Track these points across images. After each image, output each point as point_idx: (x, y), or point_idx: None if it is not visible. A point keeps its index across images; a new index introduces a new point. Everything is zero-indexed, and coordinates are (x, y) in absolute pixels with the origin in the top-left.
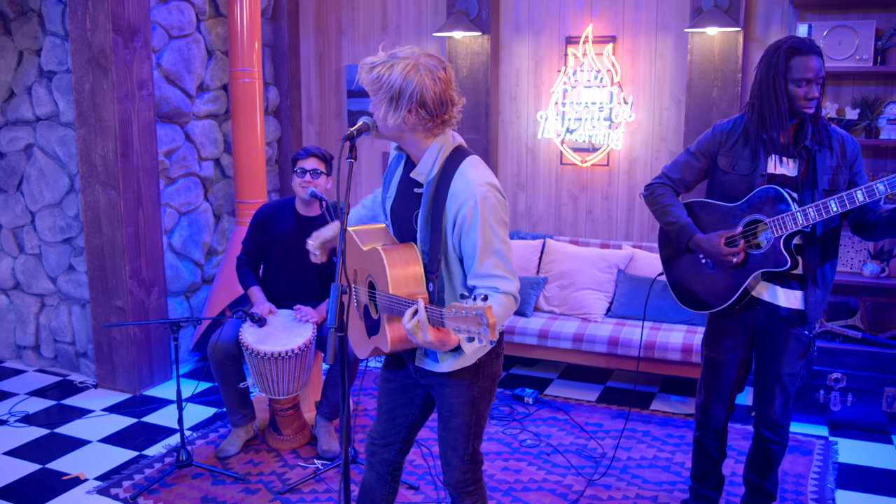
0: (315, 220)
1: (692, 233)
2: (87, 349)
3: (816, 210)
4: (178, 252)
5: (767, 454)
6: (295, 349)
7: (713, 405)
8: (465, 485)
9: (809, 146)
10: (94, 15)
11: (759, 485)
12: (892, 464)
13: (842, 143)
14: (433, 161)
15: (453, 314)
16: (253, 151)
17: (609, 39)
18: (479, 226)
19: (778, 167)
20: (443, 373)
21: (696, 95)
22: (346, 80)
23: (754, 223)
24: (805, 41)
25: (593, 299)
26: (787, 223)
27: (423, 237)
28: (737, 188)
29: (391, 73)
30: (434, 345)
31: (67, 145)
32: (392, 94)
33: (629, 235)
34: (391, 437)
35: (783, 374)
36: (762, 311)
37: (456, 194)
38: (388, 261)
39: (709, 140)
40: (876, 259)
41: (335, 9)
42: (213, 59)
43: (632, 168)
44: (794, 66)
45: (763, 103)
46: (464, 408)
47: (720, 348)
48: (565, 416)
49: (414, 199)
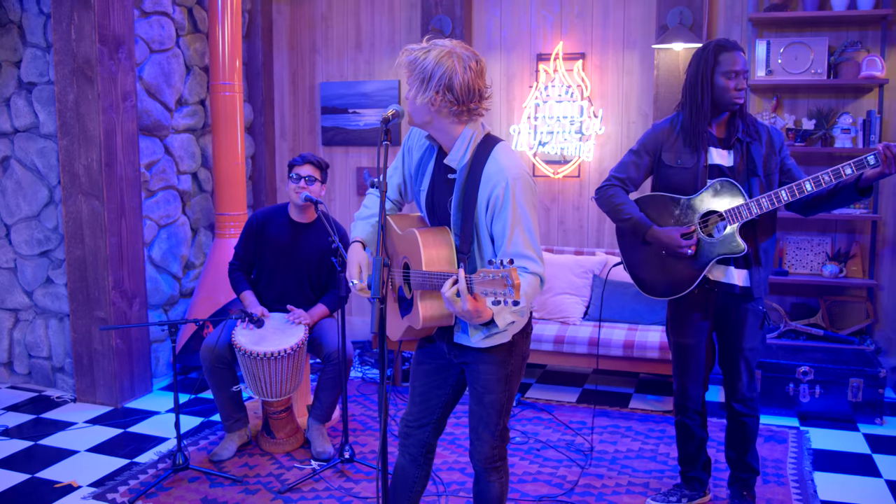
0: (309, 227)
1: (648, 226)
2: (65, 363)
3: (769, 200)
4: (157, 265)
5: (744, 428)
6: (288, 349)
7: (689, 386)
8: (493, 460)
9: (742, 138)
10: (80, 26)
11: (740, 460)
12: (860, 448)
13: (769, 133)
14: (465, 147)
15: (481, 278)
16: (233, 164)
17: (578, 56)
18: (510, 206)
19: (717, 158)
20: (480, 348)
21: (663, 108)
22: (320, 98)
23: (710, 213)
24: (729, 40)
25: (571, 303)
26: (743, 213)
27: (455, 220)
28: (682, 180)
29: (427, 57)
30: (471, 314)
31: (47, 157)
32: (424, 76)
33: (600, 243)
34: (426, 419)
35: (745, 348)
36: (719, 292)
37: (489, 177)
38: (423, 241)
39: (650, 138)
40: (834, 260)
41: (309, 28)
42: (192, 74)
43: (602, 179)
44: (723, 60)
45: (695, 98)
46: (498, 384)
47: (685, 332)
48: (549, 416)
49: (447, 185)
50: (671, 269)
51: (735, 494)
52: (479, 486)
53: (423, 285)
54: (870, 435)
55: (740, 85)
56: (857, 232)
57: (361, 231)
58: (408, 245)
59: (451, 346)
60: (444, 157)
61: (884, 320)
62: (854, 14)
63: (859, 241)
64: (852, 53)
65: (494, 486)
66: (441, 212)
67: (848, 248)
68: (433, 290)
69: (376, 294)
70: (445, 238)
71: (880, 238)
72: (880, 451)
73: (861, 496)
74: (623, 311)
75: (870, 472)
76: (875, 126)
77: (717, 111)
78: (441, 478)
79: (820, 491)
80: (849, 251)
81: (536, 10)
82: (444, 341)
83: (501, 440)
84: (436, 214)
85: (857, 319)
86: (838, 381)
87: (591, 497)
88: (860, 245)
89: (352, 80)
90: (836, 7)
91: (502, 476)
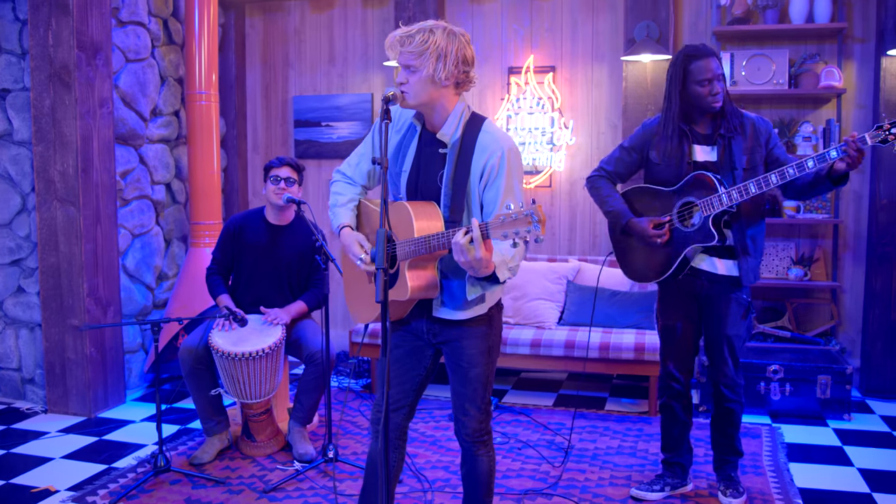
0: (286, 229)
1: (626, 217)
2: (35, 374)
3: (738, 192)
4: (131, 274)
5: (731, 414)
6: (266, 349)
7: (674, 367)
8: (480, 434)
9: (724, 133)
10: (58, 31)
11: (727, 444)
12: (831, 441)
13: (753, 125)
14: (457, 123)
15: (500, 221)
16: (209, 173)
17: (549, 69)
18: (504, 174)
19: (700, 154)
20: (461, 321)
21: (632, 119)
22: (293, 111)
23: (688, 205)
24: (699, 47)
25: (546, 308)
26: (714, 204)
27: (446, 192)
28: (668, 174)
29: (435, 35)
30: (481, 263)
31: (21, 164)
32: (440, 52)
33: (572, 251)
34: (401, 402)
35: (730, 334)
36: (704, 279)
37: (484, 147)
38: (414, 212)
39: (639, 136)
40: (799, 264)
41: (282, 42)
42: (166, 84)
43: (573, 189)
44: (693, 69)
45: (669, 108)
46: (481, 357)
47: (672, 314)
48: (527, 419)
49: (438, 159)
50: (649, 257)
51: (724, 477)
52: (468, 465)
53: (416, 252)
54: (839, 430)
55: (715, 90)
56: (820, 237)
57: (344, 217)
58: (394, 218)
59: (430, 325)
60: (428, 136)
61: (847, 323)
62: (812, 27)
63: (822, 245)
64: (811, 65)
65: (482, 461)
66: (427, 188)
67: (811, 253)
68: (428, 253)
69: (381, 264)
70: (434, 210)
71: (842, 242)
72: (850, 443)
73: (835, 483)
74: (597, 315)
75: (842, 462)
76: (834, 134)
77: (701, 114)
78: (426, 475)
79: (796, 479)
80: (812, 255)
81: (508, 25)
82: (424, 318)
83: (487, 414)
84: (420, 192)
85: (822, 321)
86: (807, 378)
87: (576, 489)
88: (823, 249)
89: (325, 93)
90: (795, 20)
91: (489, 450)
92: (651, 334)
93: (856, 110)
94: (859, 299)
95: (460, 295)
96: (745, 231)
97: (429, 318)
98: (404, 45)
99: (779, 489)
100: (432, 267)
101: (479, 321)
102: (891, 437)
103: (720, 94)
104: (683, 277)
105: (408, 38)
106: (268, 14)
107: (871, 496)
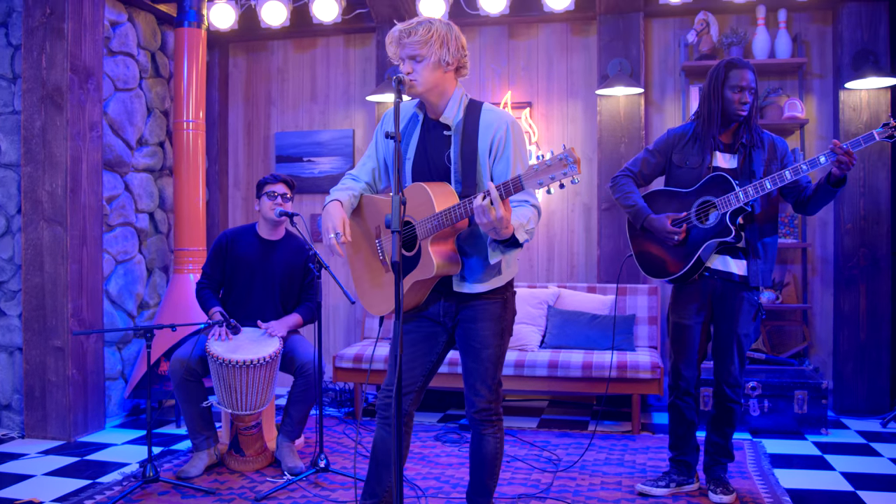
0: (278, 244)
1: (646, 214)
2: (12, 400)
3: (754, 188)
4: (113, 300)
5: (730, 413)
6: (265, 357)
7: (683, 366)
8: (489, 413)
9: (746, 143)
10: (52, 55)
11: (723, 445)
12: (811, 451)
13: (772, 143)
14: (458, 106)
15: (535, 170)
16: (194, 199)
17: (526, 105)
18: (511, 146)
19: (721, 161)
20: (480, 294)
21: (606, 151)
22: (275, 147)
23: (706, 203)
24: (741, 59)
25: (528, 332)
26: (731, 200)
27: (455, 169)
28: (688, 178)
29: (434, 25)
30: (501, 223)
31: (7, 186)
32: (443, 40)
33: (550, 279)
34: (410, 387)
35: (740, 333)
36: (718, 279)
37: (489, 124)
38: (432, 191)
39: (664, 141)
40: (770, 288)
41: (265, 80)
42: (153, 115)
43: (550, 220)
44: (732, 76)
45: (708, 107)
46: (494, 339)
47: (685, 313)
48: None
49: (443, 141)
50: (667, 253)
51: (714, 478)
52: (475, 444)
53: (439, 226)
54: (818, 443)
55: (744, 99)
56: (790, 262)
57: (341, 196)
58: (410, 202)
59: (448, 306)
60: (430, 122)
61: (818, 345)
62: (774, 62)
63: (791, 270)
64: (775, 98)
65: (489, 441)
66: (435, 169)
67: (781, 278)
68: (450, 226)
69: (396, 227)
70: (448, 188)
71: (810, 267)
72: (830, 453)
73: (820, 484)
74: (578, 338)
75: (824, 468)
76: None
77: (727, 121)
78: (418, 485)
79: (781, 482)
80: (783, 280)
81: (486, 64)
82: (441, 300)
83: (497, 395)
84: (428, 174)
85: (794, 342)
86: (784, 394)
87: (568, 493)
88: (793, 275)
89: (307, 129)
90: (759, 56)
91: (497, 432)
92: (632, 354)
93: (818, 141)
94: (829, 322)
95: (479, 269)
96: (757, 235)
97: (446, 298)
98: (409, 36)
99: (767, 490)
100: (452, 242)
101: (495, 299)
102: (868, 448)
103: (748, 105)
104: (698, 276)
105: (411, 31)
106: (251, 53)
107: (855, 494)
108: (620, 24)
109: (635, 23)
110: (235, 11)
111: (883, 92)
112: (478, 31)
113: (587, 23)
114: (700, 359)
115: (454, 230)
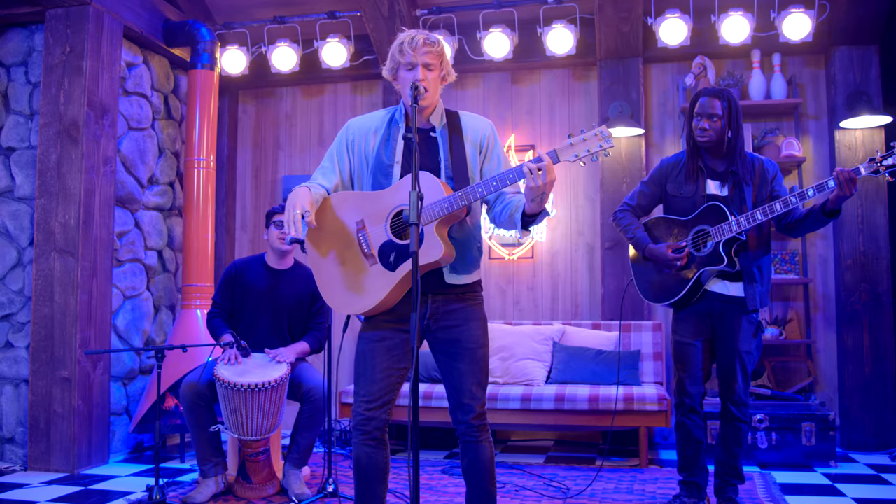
0: (286, 273)
1: (645, 244)
2: (16, 433)
3: (747, 219)
4: (120, 335)
5: (737, 433)
6: (272, 381)
7: (688, 383)
8: (483, 417)
9: (736, 170)
10: (70, 91)
11: (732, 465)
12: (821, 481)
13: (761, 164)
14: (441, 112)
15: (569, 144)
16: (203, 236)
17: (529, 147)
18: (497, 146)
19: (713, 189)
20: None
21: (609, 191)
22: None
23: (702, 232)
24: (711, 88)
25: (534, 367)
26: (725, 230)
27: (447, 165)
28: (684, 206)
29: (440, 41)
30: (548, 188)
31: (20, 219)
32: (446, 56)
33: (554, 317)
34: (386, 397)
35: (741, 350)
36: (716, 301)
37: (473, 126)
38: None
39: (658, 172)
40: (774, 324)
41: (273, 125)
42: (164, 156)
43: (553, 260)
44: (697, 104)
45: (688, 137)
46: (484, 337)
47: (685, 333)
48: (521, 471)
49: (430, 142)
50: (666, 279)
51: (725, 499)
52: (471, 455)
53: (449, 208)
54: (827, 473)
55: (702, 125)
56: (792, 299)
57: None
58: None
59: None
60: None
61: (823, 381)
62: (770, 104)
63: (794, 307)
64: (772, 138)
65: (485, 448)
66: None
67: (784, 314)
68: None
69: (414, 220)
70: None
71: (812, 304)
72: (840, 482)
73: None
74: (584, 373)
75: (836, 495)
76: None
77: (696, 147)
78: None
79: None
80: (785, 316)
81: (490, 109)
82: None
83: (485, 398)
84: None
85: (799, 378)
86: (792, 426)
87: None
88: (795, 311)
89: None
90: (755, 97)
91: (489, 436)
92: (639, 388)
93: (815, 179)
94: (833, 357)
95: (468, 259)
96: (752, 260)
97: (433, 298)
98: (431, 46)
99: None
100: (446, 231)
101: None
102: (879, 478)
103: (707, 132)
104: (697, 299)
105: (433, 42)
106: (260, 100)
107: None
108: (620, 69)
109: (635, 67)
110: (247, 58)
111: (877, 131)
112: (482, 77)
113: (588, 68)
114: (705, 376)
115: (452, 217)
